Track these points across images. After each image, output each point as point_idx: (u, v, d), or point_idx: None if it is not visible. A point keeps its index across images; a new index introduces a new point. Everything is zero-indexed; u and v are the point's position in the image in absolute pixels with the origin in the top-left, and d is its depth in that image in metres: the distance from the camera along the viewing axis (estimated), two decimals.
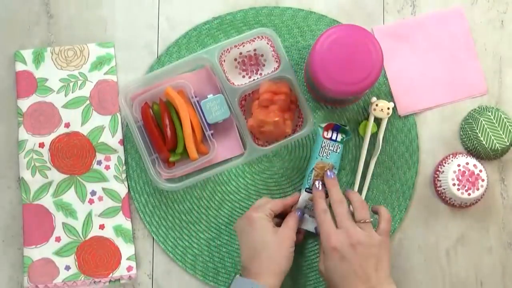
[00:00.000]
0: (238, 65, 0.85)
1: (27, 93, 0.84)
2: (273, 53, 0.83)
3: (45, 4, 0.87)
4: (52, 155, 0.83)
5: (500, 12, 0.87)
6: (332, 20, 0.87)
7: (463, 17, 0.87)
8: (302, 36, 0.86)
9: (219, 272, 0.84)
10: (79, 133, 0.84)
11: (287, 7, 0.87)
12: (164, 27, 0.87)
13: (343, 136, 0.81)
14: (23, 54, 0.85)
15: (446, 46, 0.86)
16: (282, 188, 0.85)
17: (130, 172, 0.84)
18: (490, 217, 0.85)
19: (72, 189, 0.83)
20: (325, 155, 0.80)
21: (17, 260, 0.83)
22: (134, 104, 0.82)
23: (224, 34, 0.86)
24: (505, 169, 0.85)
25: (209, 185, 0.84)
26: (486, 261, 0.84)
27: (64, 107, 0.84)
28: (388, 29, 0.87)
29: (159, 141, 0.80)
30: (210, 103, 0.81)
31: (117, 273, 0.82)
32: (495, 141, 0.82)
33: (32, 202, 0.83)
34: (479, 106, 0.86)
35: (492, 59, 0.87)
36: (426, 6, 0.87)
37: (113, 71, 0.85)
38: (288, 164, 0.85)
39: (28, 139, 0.83)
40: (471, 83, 0.86)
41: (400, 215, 0.84)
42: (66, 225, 0.83)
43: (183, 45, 0.86)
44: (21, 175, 0.83)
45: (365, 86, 0.72)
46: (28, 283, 0.81)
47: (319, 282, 0.83)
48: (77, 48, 0.85)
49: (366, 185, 0.84)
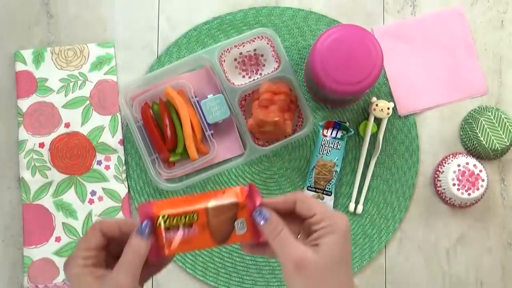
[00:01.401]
0: (238, 65, 0.85)
1: (27, 93, 0.84)
2: (273, 53, 0.83)
3: (45, 4, 0.87)
4: (52, 155, 0.83)
5: (500, 12, 0.87)
6: (332, 20, 0.87)
7: (463, 17, 0.87)
8: (302, 36, 0.86)
9: (219, 272, 0.84)
10: (79, 133, 0.84)
11: (287, 7, 0.87)
12: (164, 27, 0.87)
13: (343, 133, 0.81)
14: (23, 54, 0.85)
15: (446, 46, 0.86)
16: (282, 188, 0.85)
17: (130, 172, 0.84)
18: (490, 217, 0.84)
19: (72, 189, 0.83)
20: (325, 152, 0.80)
21: (17, 260, 0.83)
22: (134, 104, 0.82)
23: (224, 34, 0.86)
24: (505, 169, 0.85)
25: (209, 185, 0.84)
26: (486, 261, 0.84)
27: (64, 107, 0.84)
28: (388, 29, 0.87)
29: (159, 141, 0.80)
30: (210, 103, 0.81)
31: None
32: (495, 141, 0.82)
33: (32, 202, 0.83)
34: (479, 106, 0.86)
35: (492, 59, 0.87)
36: (426, 6, 0.87)
37: (113, 71, 0.85)
38: (288, 164, 0.85)
39: (28, 139, 0.83)
40: (471, 83, 0.86)
41: (400, 215, 0.84)
42: (66, 225, 0.83)
43: (183, 45, 0.86)
44: (21, 175, 0.83)
45: (365, 86, 0.72)
46: (28, 283, 0.81)
47: None
48: (77, 48, 0.85)
49: (366, 185, 0.84)
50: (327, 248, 0.48)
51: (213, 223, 0.51)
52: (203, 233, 0.50)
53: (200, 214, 0.50)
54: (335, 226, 0.50)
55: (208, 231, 0.50)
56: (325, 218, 0.50)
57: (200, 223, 0.50)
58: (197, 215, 0.50)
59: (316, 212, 0.50)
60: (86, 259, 0.50)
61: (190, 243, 0.51)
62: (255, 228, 0.51)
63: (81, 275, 0.49)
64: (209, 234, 0.50)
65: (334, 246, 0.49)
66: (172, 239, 0.51)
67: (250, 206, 0.51)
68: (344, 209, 0.84)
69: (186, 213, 0.51)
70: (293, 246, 0.49)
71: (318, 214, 0.50)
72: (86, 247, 0.50)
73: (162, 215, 0.51)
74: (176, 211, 0.51)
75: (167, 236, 0.51)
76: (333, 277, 0.49)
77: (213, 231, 0.51)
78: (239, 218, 0.51)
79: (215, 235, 0.51)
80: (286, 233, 0.50)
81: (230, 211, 0.51)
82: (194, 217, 0.51)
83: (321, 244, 0.48)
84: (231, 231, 0.51)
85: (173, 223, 0.51)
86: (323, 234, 0.49)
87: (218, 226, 0.51)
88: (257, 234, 0.51)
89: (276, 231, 0.50)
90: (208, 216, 0.50)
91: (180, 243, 0.51)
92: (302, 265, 0.48)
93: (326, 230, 0.49)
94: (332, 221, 0.50)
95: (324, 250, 0.48)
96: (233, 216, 0.51)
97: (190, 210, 0.51)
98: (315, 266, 0.48)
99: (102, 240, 0.51)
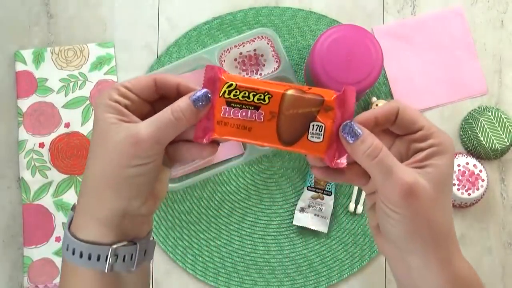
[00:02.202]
0: (238, 65, 0.85)
1: (27, 93, 0.84)
2: (273, 53, 0.83)
3: (45, 4, 0.87)
4: (52, 155, 0.83)
5: (500, 12, 0.87)
6: (332, 20, 0.87)
7: (463, 17, 0.87)
8: (302, 36, 0.86)
9: (219, 272, 0.84)
10: (79, 133, 0.84)
11: (287, 7, 0.87)
12: (164, 27, 0.87)
13: None
14: (23, 54, 0.85)
15: (446, 46, 0.86)
16: (282, 188, 0.85)
17: None
18: (490, 217, 0.84)
19: (72, 189, 0.83)
20: None
21: (17, 260, 0.83)
22: None
23: (224, 34, 0.86)
24: (505, 169, 0.85)
25: (209, 185, 0.84)
26: (486, 261, 0.84)
27: (64, 107, 0.84)
28: (388, 29, 0.87)
29: None
30: None
31: None
32: (495, 141, 0.82)
33: (32, 202, 0.83)
34: (479, 106, 0.86)
35: (492, 59, 0.87)
36: (426, 6, 0.87)
37: (113, 71, 0.85)
38: (288, 164, 0.85)
39: (28, 139, 0.83)
40: (471, 83, 0.86)
41: None
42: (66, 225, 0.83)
43: (183, 45, 0.86)
44: (21, 175, 0.83)
45: (365, 86, 0.72)
46: (28, 283, 0.81)
47: (319, 282, 0.83)
48: (77, 48, 0.85)
49: None
50: (438, 172, 0.40)
51: (284, 114, 0.40)
52: (269, 124, 0.40)
53: (274, 97, 0.40)
54: (445, 144, 0.41)
55: (275, 123, 0.40)
56: (433, 135, 0.41)
57: (269, 109, 0.40)
58: (269, 97, 0.40)
59: (424, 125, 0.41)
60: (122, 96, 0.41)
61: (248, 131, 0.41)
62: (333, 143, 0.40)
63: (105, 107, 0.40)
64: (275, 128, 0.40)
65: (444, 170, 0.40)
66: (229, 118, 0.40)
67: (338, 114, 0.40)
68: (344, 209, 0.84)
69: (257, 91, 0.40)
70: (400, 169, 0.39)
71: (426, 128, 0.41)
72: (128, 85, 0.41)
73: (229, 83, 0.41)
74: (247, 84, 0.41)
75: (224, 112, 0.41)
76: (444, 205, 0.41)
77: (281, 125, 0.40)
78: (318, 120, 0.40)
79: (282, 131, 0.40)
80: (388, 153, 0.40)
81: (310, 108, 0.40)
82: (265, 98, 0.40)
83: (431, 166, 0.40)
84: (303, 134, 0.40)
85: (238, 97, 0.40)
86: (433, 154, 0.40)
87: (289, 120, 0.40)
88: (333, 152, 0.41)
89: (376, 151, 0.39)
90: (282, 104, 0.40)
91: (236, 126, 0.40)
92: (414, 191, 0.39)
93: (436, 149, 0.40)
94: (441, 138, 0.41)
95: (435, 174, 0.40)
96: (312, 116, 0.40)
97: (263, 89, 0.40)
98: (427, 192, 0.39)
99: (151, 89, 0.42)
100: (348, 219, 0.84)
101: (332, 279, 0.83)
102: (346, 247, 0.84)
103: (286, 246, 0.84)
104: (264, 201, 0.84)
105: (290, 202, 0.84)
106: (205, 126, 0.41)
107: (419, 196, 0.39)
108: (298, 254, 0.83)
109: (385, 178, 0.39)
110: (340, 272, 0.83)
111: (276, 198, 0.84)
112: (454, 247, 0.42)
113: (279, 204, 0.84)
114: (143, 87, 0.41)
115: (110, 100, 0.40)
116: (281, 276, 0.83)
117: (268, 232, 0.84)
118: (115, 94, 0.40)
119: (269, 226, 0.84)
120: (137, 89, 0.41)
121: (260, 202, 0.84)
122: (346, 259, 0.83)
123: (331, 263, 0.83)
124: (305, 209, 0.81)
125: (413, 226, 0.40)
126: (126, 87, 0.41)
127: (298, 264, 0.83)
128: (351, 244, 0.84)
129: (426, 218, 0.40)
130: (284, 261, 0.83)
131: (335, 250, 0.84)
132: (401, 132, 0.42)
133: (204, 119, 0.41)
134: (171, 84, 0.42)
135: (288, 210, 0.84)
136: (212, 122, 0.41)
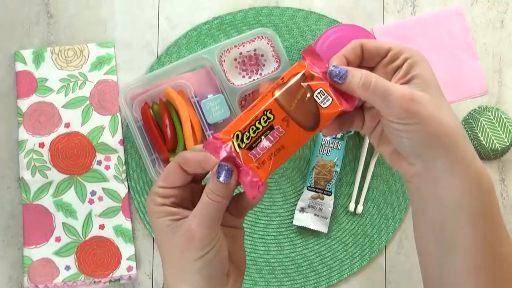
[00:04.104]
0: (238, 65, 0.85)
1: (27, 93, 0.84)
2: (273, 53, 0.83)
3: (45, 4, 0.87)
4: (52, 155, 0.83)
5: (500, 12, 0.87)
6: (332, 20, 0.87)
7: (463, 17, 0.87)
8: (302, 36, 0.86)
9: None
10: (79, 133, 0.84)
11: (287, 7, 0.87)
12: (164, 27, 0.87)
13: (344, 133, 0.81)
14: (23, 54, 0.85)
15: (446, 46, 0.86)
16: (282, 188, 0.85)
17: (130, 172, 0.84)
18: None
19: (72, 189, 0.83)
20: (325, 152, 0.80)
21: (17, 260, 0.83)
22: (134, 104, 0.82)
23: (224, 34, 0.86)
24: (505, 169, 0.85)
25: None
26: None
27: (64, 107, 0.84)
28: (388, 29, 0.87)
29: (159, 141, 0.80)
30: (210, 103, 0.81)
31: (117, 273, 0.82)
32: (495, 141, 0.82)
33: (32, 202, 0.83)
34: (479, 106, 0.86)
35: (492, 59, 0.87)
36: (426, 6, 0.87)
37: (113, 71, 0.85)
38: (288, 164, 0.85)
39: (28, 139, 0.83)
40: (471, 83, 0.86)
41: (400, 215, 0.84)
42: (66, 225, 0.83)
43: (183, 45, 0.86)
44: (21, 175, 0.83)
45: None
46: (28, 283, 0.81)
47: (319, 283, 0.83)
48: (77, 48, 0.85)
49: (366, 185, 0.84)
50: (425, 79, 0.43)
51: (292, 110, 0.42)
52: (291, 128, 0.42)
53: (273, 108, 0.42)
54: (418, 53, 0.43)
55: (292, 121, 0.42)
56: (402, 50, 0.43)
57: (279, 118, 0.42)
58: (270, 111, 0.42)
59: (390, 46, 0.44)
60: (164, 197, 0.43)
61: (283, 149, 0.42)
62: (339, 93, 0.43)
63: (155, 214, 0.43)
64: (297, 125, 0.42)
65: (429, 75, 0.44)
66: (262, 156, 0.41)
67: (319, 73, 0.43)
68: (344, 209, 0.84)
69: (258, 117, 0.41)
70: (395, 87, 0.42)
71: (394, 47, 0.43)
72: (163, 184, 0.44)
73: (235, 135, 0.41)
74: (246, 123, 0.42)
75: (254, 156, 0.41)
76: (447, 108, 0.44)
77: (298, 119, 0.42)
78: (314, 90, 0.42)
79: (303, 122, 0.42)
80: (379, 77, 0.42)
81: (300, 88, 0.42)
82: (268, 115, 0.42)
83: (415, 77, 0.43)
84: (317, 108, 0.42)
85: (251, 136, 0.41)
86: (411, 66, 0.43)
87: (299, 110, 0.42)
88: (346, 98, 0.43)
89: (368, 79, 0.42)
90: (283, 105, 0.42)
91: (273, 155, 0.41)
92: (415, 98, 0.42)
93: (412, 60, 0.43)
94: (411, 50, 0.43)
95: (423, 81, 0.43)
96: (308, 91, 0.42)
97: (260, 112, 0.42)
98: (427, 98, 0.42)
99: (183, 177, 0.44)
100: (348, 219, 0.84)
101: (332, 279, 0.83)
102: (346, 247, 0.84)
103: (286, 246, 0.84)
104: (264, 201, 0.84)
105: (290, 202, 0.84)
106: (250, 181, 0.41)
107: (422, 102, 0.42)
108: (298, 254, 0.83)
109: (386, 99, 0.41)
110: (340, 272, 0.83)
111: (276, 198, 0.84)
112: (470, 148, 0.44)
113: (279, 204, 0.84)
114: (175, 178, 0.44)
115: (156, 205, 0.43)
116: (281, 276, 0.83)
117: (268, 232, 0.84)
118: (157, 198, 0.43)
119: (269, 226, 0.84)
120: (171, 183, 0.44)
121: (260, 202, 0.84)
122: (346, 259, 0.83)
123: (331, 263, 0.83)
124: (305, 209, 0.81)
125: (428, 128, 0.42)
126: (162, 187, 0.44)
127: (298, 264, 0.83)
128: (351, 244, 0.84)
129: (436, 119, 0.42)
130: (284, 261, 0.83)
131: (335, 250, 0.84)
132: (373, 63, 0.44)
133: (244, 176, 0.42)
134: (195, 166, 0.43)
135: (288, 210, 0.84)
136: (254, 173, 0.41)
